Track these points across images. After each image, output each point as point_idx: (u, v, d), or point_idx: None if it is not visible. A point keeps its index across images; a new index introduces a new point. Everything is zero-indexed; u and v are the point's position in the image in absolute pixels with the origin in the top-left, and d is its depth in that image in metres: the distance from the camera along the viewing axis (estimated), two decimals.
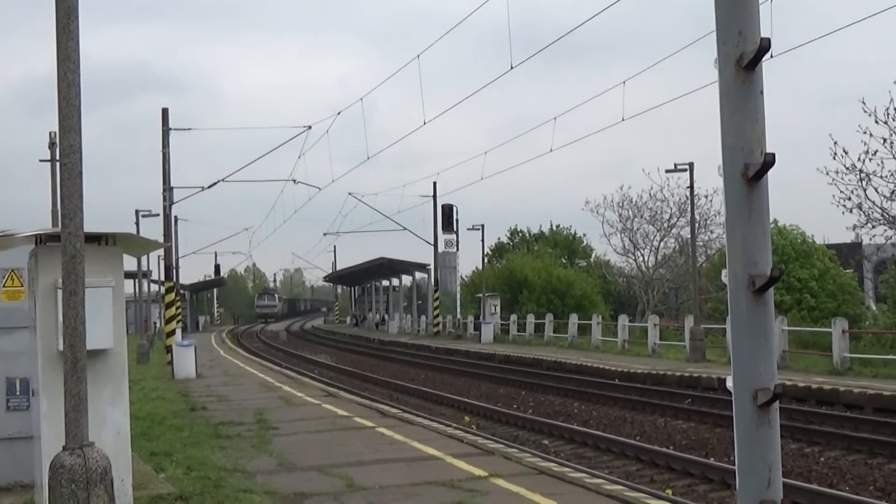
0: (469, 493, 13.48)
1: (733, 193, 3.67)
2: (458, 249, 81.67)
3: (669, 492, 17.04)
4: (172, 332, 43.25)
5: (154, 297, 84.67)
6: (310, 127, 45.08)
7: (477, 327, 67.57)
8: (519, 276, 77.59)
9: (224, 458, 16.73)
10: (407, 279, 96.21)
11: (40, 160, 46.02)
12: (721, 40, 3.70)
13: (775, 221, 57.13)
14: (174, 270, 56.15)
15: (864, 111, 41.65)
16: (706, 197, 67.12)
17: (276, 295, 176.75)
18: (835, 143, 43.61)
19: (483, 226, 72.06)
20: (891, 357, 32.62)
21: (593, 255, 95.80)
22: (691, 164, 43.65)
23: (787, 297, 55.60)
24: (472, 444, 18.46)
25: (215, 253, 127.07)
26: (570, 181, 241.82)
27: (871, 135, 41.71)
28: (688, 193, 46.08)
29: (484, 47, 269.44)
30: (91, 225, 9.13)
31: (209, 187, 50.50)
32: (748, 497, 3.74)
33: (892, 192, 43.24)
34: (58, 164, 9.35)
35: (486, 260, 77.26)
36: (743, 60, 3.65)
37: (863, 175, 43.30)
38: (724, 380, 3.92)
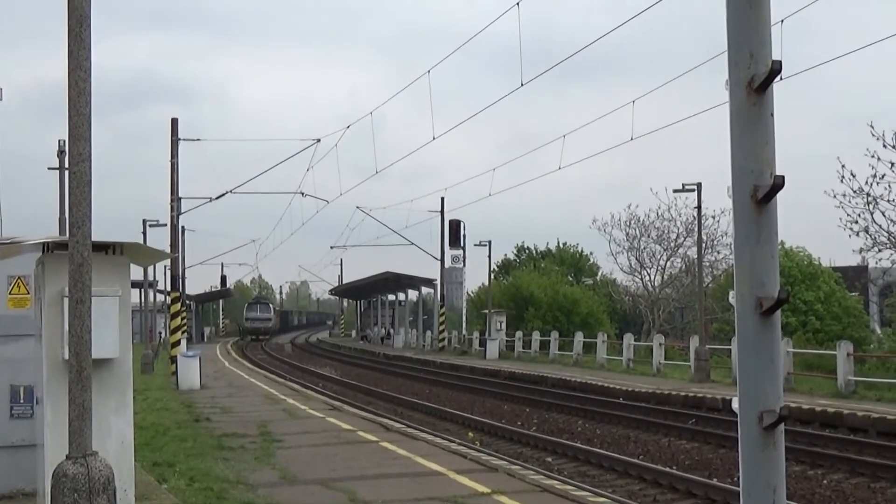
0: None
1: (742, 215, 3.66)
2: (464, 265, 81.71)
3: None
4: (177, 343, 43.25)
5: (160, 307, 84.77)
6: (319, 140, 45.12)
7: (482, 343, 67.53)
8: (525, 293, 77.55)
9: (227, 470, 16.73)
10: (413, 294, 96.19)
11: (49, 168, 46.12)
12: (732, 62, 3.70)
13: (782, 243, 57.08)
14: (180, 281, 56.14)
15: (873, 135, 41.65)
16: (713, 217, 67.16)
17: (270, 305, 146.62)
18: (842, 166, 43.62)
19: (490, 242, 72.21)
20: (895, 381, 32.57)
21: (600, 274, 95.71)
22: (699, 185, 43.63)
23: (793, 319, 55.53)
24: (476, 461, 18.45)
25: (222, 264, 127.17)
26: (578, 199, 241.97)
27: (878, 158, 41.72)
28: (695, 213, 46.06)
29: (494, 64, 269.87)
30: (97, 234, 9.13)
31: (217, 198, 50.54)
32: None
33: None
34: (66, 172, 9.36)
35: (492, 276, 77.27)
36: (754, 82, 3.65)
37: (870, 199, 43.32)
38: (729, 400, 3.90)
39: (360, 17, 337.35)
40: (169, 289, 52.48)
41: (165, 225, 53.37)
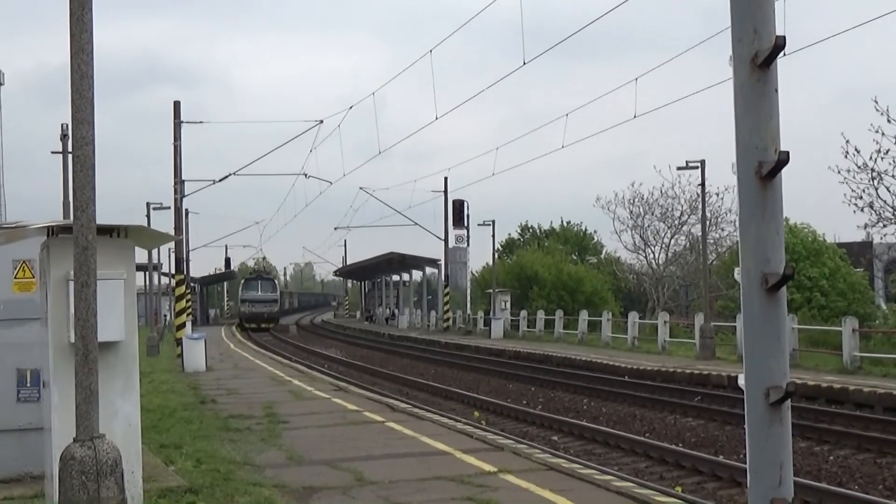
0: (478, 488, 13.48)
1: (747, 192, 3.66)
2: (468, 245, 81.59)
3: (679, 489, 17.03)
4: (182, 325, 43.27)
5: (164, 289, 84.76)
6: (321, 121, 45.00)
7: (487, 323, 67.49)
8: (529, 272, 77.49)
9: (234, 452, 16.75)
10: (417, 274, 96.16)
11: (52, 152, 46.06)
12: (736, 38, 3.69)
13: (786, 219, 56.80)
14: (185, 263, 56.14)
15: (877, 110, 41.55)
16: (717, 194, 67.07)
17: (274, 282, 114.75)
18: (847, 141, 43.52)
19: (494, 221, 72.06)
20: None
21: (604, 252, 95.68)
22: (702, 162, 43.56)
23: (798, 295, 55.47)
24: (482, 440, 18.45)
25: (226, 246, 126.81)
26: (582, 177, 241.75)
27: (882, 133, 41.63)
28: (699, 191, 45.98)
29: (496, 43, 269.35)
30: (101, 217, 9.14)
31: (220, 180, 50.56)
32: (759, 495, 3.74)
33: None
34: (70, 155, 9.38)
35: (496, 256, 77.21)
36: (758, 59, 3.64)
37: (874, 174, 43.24)
38: (734, 377, 3.95)
39: None
40: (173, 271, 52.42)
41: (169, 208, 53.39)
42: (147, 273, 77.33)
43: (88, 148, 8.82)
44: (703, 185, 44.60)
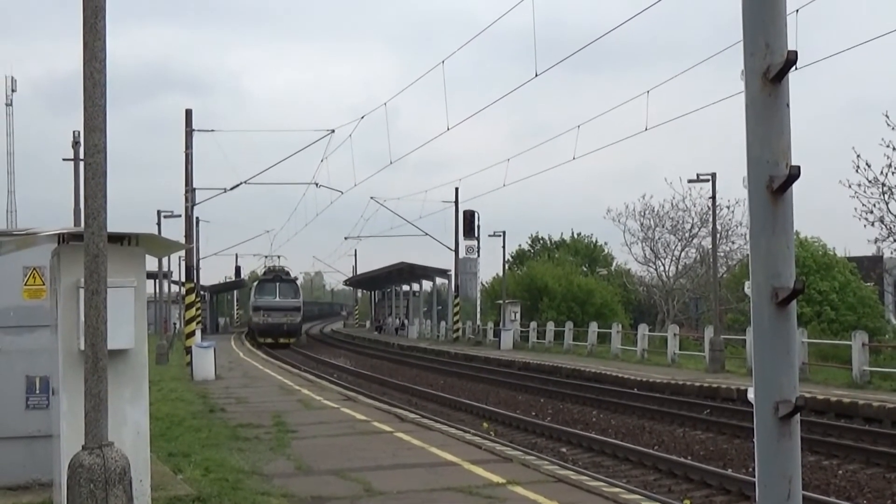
0: (487, 499, 13.48)
1: (758, 206, 3.66)
2: (478, 256, 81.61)
3: (688, 502, 17.05)
4: (192, 334, 43.30)
5: (174, 297, 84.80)
6: (333, 130, 45.00)
7: (496, 334, 67.46)
8: (539, 284, 77.43)
9: (242, 461, 16.76)
10: (427, 285, 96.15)
11: (63, 159, 46.06)
12: (748, 52, 3.69)
13: (797, 233, 56.68)
14: (195, 271, 56.23)
15: (888, 125, 41.47)
16: (728, 207, 66.91)
17: (296, 285, 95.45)
18: (857, 155, 43.43)
19: (504, 232, 72.01)
20: None
21: (614, 264, 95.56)
22: (713, 175, 43.55)
23: (808, 309, 55.33)
24: (491, 451, 18.45)
25: (236, 255, 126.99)
26: (593, 189, 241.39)
27: (893, 148, 41.55)
28: (710, 203, 45.95)
29: (508, 54, 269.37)
30: (111, 224, 9.13)
31: (231, 189, 50.54)
32: None
33: None
34: (82, 163, 9.39)
35: (506, 267, 77.17)
36: (770, 73, 3.64)
37: (885, 188, 43.15)
38: (744, 391, 3.95)
39: (374, 8, 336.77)
40: (183, 279, 52.53)
41: (180, 216, 53.49)
42: (157, 281, 77.44)
43: (100, 156, 8.83)
44: (713, 197, 44.60)
